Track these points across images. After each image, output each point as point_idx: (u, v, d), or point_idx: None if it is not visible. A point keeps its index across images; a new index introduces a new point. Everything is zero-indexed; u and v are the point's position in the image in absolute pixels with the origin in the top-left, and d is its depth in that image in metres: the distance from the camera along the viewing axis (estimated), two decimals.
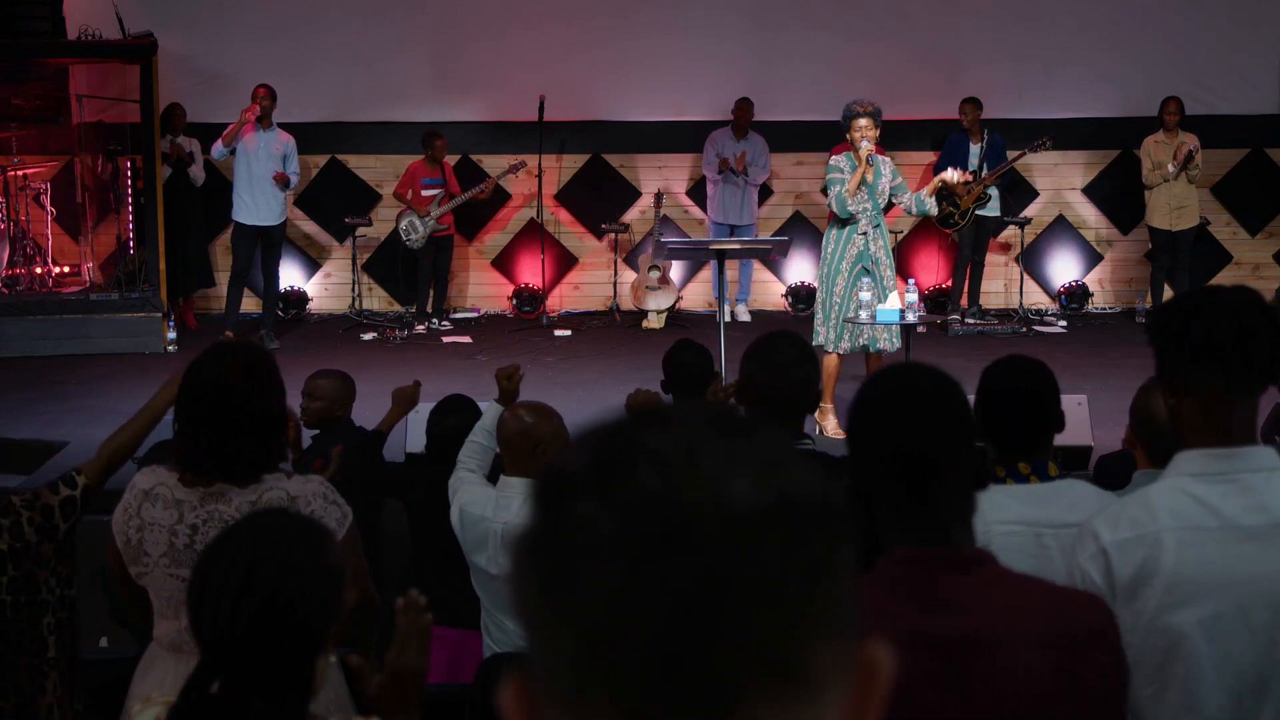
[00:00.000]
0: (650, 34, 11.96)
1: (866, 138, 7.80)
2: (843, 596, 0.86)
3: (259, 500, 3.07)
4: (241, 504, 3.07)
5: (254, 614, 2.12)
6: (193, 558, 3.04)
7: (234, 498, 3.08)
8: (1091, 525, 2.35)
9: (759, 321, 11.52)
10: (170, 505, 3.10)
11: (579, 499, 0.84)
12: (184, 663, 3.07)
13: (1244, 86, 12.18)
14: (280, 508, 2.97)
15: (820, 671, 0.84)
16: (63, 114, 11.71)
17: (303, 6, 11.91)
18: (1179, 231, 11.35)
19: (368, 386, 5.85)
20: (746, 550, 0.82)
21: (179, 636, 3.08)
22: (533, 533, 0.86)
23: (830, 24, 11.93)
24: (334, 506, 3.15)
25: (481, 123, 12.12)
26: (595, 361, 10.22)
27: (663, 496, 0.83)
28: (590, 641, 0.82)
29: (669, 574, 0.81)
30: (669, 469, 0.84)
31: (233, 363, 3.08)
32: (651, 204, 11.87)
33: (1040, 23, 12.05)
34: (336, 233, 12.18)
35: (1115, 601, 2.26)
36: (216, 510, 3.08)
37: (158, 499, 3.11)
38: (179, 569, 3.07)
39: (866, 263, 7.83)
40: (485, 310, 12.24)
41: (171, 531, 3.09)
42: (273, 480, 3.11)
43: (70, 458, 7.36)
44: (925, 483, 1.94)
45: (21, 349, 10.34)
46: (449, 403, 5.05)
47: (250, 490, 3.08)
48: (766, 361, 3.34)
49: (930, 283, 12.15)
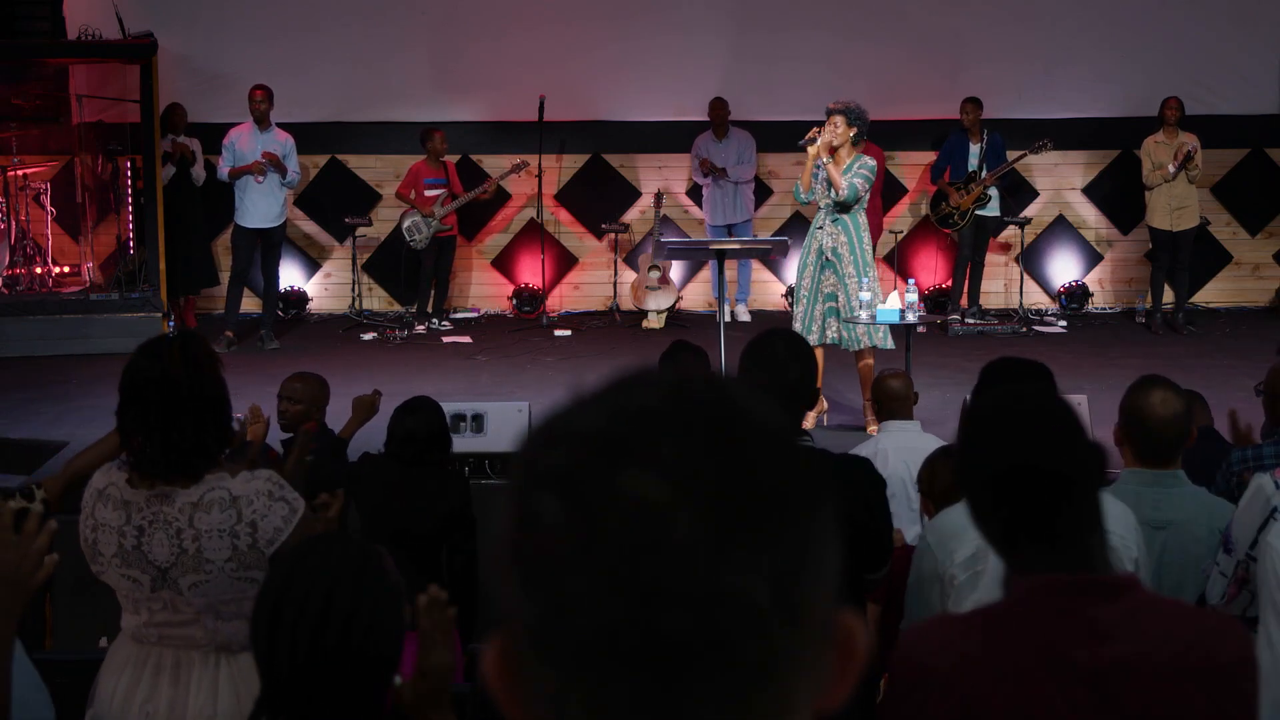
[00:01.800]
0: (650, 34, 11.96)
1: (827, 132, 7.85)
2: (819, 580, 0.86)
3: (200, 501, 3.03)
4: (184, 504, 3.04)
5: (334, 643, 2.11)
6: (139, 559, 3.05)
7: (178, 498, 3.05)
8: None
9: (759, 321, 11.51)
10: (119, 506, 3.08)
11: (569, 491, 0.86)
12: (143, 652, 3.11)
13: (1244, 86, 12.18)
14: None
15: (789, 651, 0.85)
16: (63, 114, 11.71)
17: (303, 6, 11.91)
18: (1179, 231, 11.34)
19: (367, 387, 5.85)
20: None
21: (139, 629, 3.12)
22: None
23: (830, 24, 11.93)
24: (280, 503, 3.09)
25: (481, 123, 12.12)
26: (595, 361, 10.21)
27: (628, 495, 0.84)
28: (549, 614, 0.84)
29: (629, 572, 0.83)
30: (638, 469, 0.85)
31: (171, 355, 3.05)
32: (651, 204, 11.87)
33: (1040, 23, 12.05)
34: (336, 233, 12.18)
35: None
36: (161, 511, 3.05)
37: (108, 499, 3.10)
38: (128, 569, 3.07)
39: (826, 256, 7.91)
40: (485, 310, 12.24)
41: (120, 532, 3.07)
42: (216, 479, 3.06)
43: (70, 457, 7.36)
44: (1058, 504, 1.87)
45: (21, 349, 10.33)
46: (411, 403, 5.04)
47: (194, 490, 3.05)
48: (763, 359, 3.35)
49: (930, 283, 12.15)
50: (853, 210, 7.91)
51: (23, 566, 2.22)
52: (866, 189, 7.91)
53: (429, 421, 4.83)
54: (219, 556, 3.03)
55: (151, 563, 3.05)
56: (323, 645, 2.12)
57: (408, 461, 4.74)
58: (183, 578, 3.04)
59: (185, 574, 3.04)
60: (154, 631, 3.10)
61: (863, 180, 7.85)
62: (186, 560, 3.03)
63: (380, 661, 2.17)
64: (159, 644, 3.09)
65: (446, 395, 6.75)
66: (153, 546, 3.05)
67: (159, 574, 3.06)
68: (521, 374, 9.77)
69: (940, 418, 7.67)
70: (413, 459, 4.73)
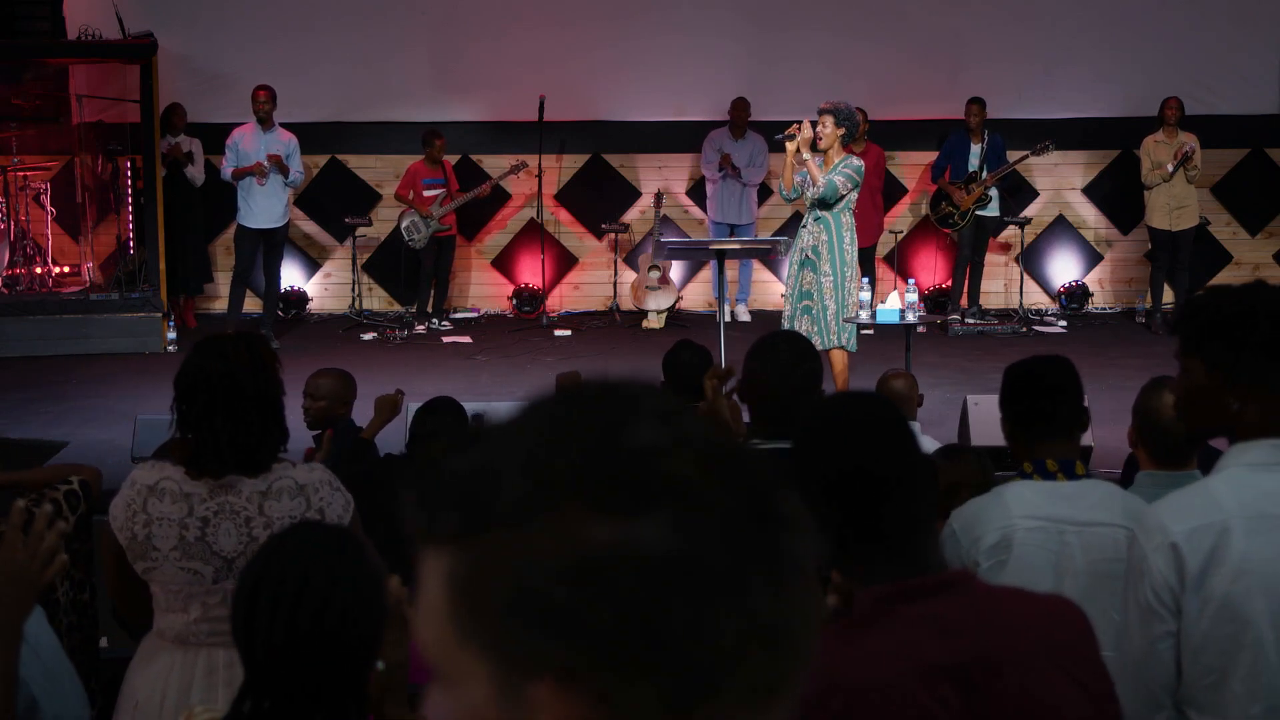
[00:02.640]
0: (650, 34, 11.96)
1: (806, 128, 7.80)
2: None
3: (269, 490, 3.08)
4: (252, 494, 3.08)
5: (309, 626, 2.12)
6: (203, 550, 3.07)
7: (244, 488, 3.09)
8: (1156, 518, 2.32)
9: (759, 321, 11.51)
10: (179, 499, 3.09)
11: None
12: (190, 655, 3.07)
13: (1244, 86, 12.18)
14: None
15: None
16: (63, 114, 11.71)
17: (303, 6, 11.91)
18: (1179, 231, 11.35)
19: (368, 387, 5.85)
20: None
21: (186, 629, 3.09)
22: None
23: (830, 24, 11.93)
24: (339, 494, 3.17)
25: (481, 123, 12.12)
26: (595, 361, 10.22)
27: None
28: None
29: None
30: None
31: (236, 353, 3.09)
32: (651, 204, 11.87)
33: (1040, 23, 12.05)
34: (336, 233, 12.19)
35: (1184, 592, 2.25)
36: (227, 501, 3.08)
37: (164, 493, 3.10)
38: (190, 561, 3.08)
39: (806, 254, 7.88)
40: (485, 310, 12.24)
41: (182, 525, 3.08)
42: (281, 469, 3.12)
43: (69, 457, 7.35)
44: (883, 506, 1.88)
45: (21, 349, 10.33)
46: (432, 404, 5.03)
47: (261, 480, 3.09)
48: (768, 360, 3.36)
49: (930, 283, 12.15)
50: (836, 210, 7.78)
51: (31, 566, 2.27)
52: (847, 187, 7.74)
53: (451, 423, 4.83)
54: None
55: (216, 553, 3.08)
56: (298, 628, 2.12)
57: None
58: None
59: None
60: (204, 628, 3.07)
61: (843, 179, 7.71)
62: (255, 548, 3.04)
63: (359, 646, 2.17)
64: (208, 643, 3.06)
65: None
66: (219, 537, 3.07)
67: (224, 564, 3.07)
68: (521, 374, 9.77)
69: (940, 418, 7.67)
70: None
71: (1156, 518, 2.32)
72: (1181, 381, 2.42)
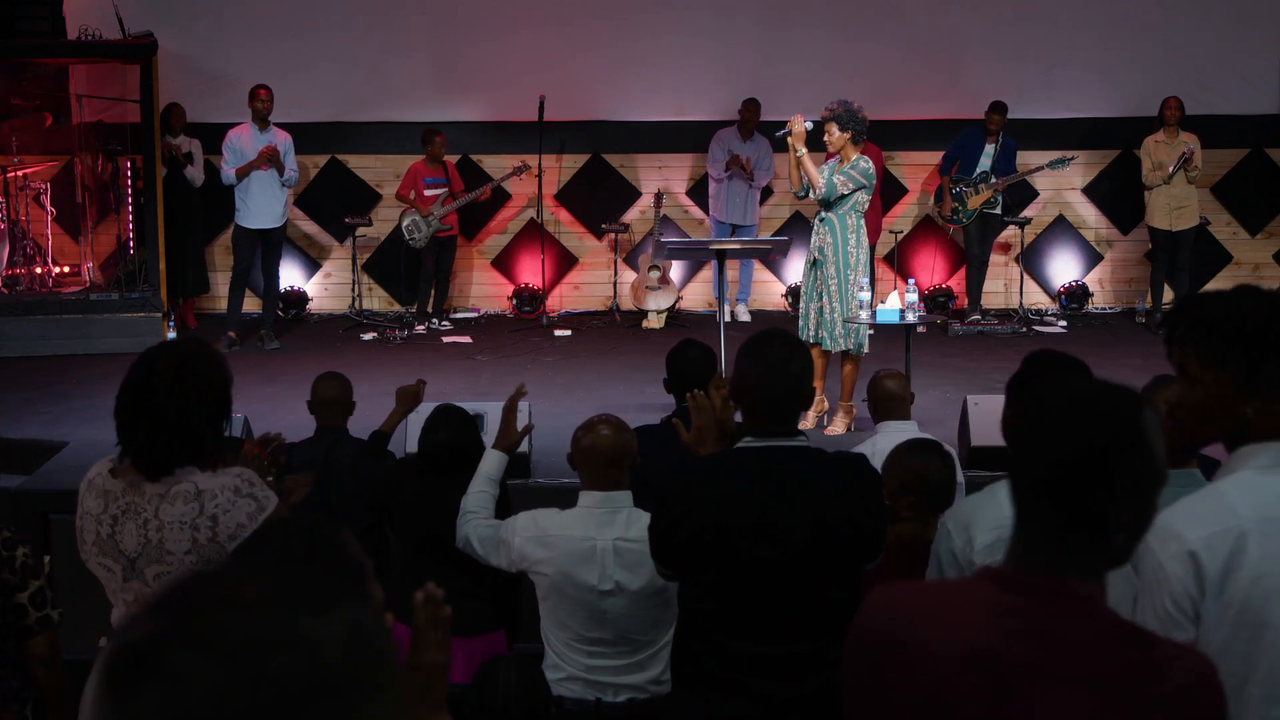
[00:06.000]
0: (650, 34, 11.96)
1: (824, 139, 7.83)
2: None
3: (167, 493, 3.11)
4: (152, 495, 3.11)
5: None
6: (113, 548, 3.13)
7: (146, 489, 3.13)
8: (1170, 526, 2.27)
9: (759, 321, 11.52)
10: (100, 495, 3.18)
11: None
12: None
13: (1244, 86, 12.18)
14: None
15: None
16: (63, 114, 11.71)
17: (303, 6, 11.91)
18: (1179, 231, 11.35)
19: (367, 386, 5.85)
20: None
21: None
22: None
23: (830, 24, 11.94)
24: (247, 500, 3.13)
25: (481, 123, 12.12)
26: (595, 361, 10.22)
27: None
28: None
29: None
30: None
31: (164, 365, 3.11)
32: (651, 204, 11.87)
33: (1040, 23, 12.05)
34: (336, 233, 12.19)
35: (1204, 600, 2.24)
36: (133, 502, 3.13)
37: (94, 488, 3.20)
38: (104, 558, 3.16)
39: (814, 256, 7.89)
40: (485, 310, 12.24)
41: (98, 520, 3.16)
42: (183, 474, 3.13)
43: (70, 457, 7.36)
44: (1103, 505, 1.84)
45: (21, 349, 10.34)
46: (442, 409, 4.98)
47: (161, 484, 3.12)
48: (759, 359, 3.36)
49: (930, 283, 12.15)
50: (841, 211, 7.74)
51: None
52: (848, 187, 7.68)
53: (460, 428, 4.83)
54: (179, 548, 3.09)
55: (122, 552, 3.14)
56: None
57: (440, 467, 4.74)
58: (148, 568, 3.12)
59: (150, 564, 3.12)
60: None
61: (843, 179, 7.68)
62: (151, 550, 3.11)
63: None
64: None
65: (447, 396, 6.76)
66: (124, 536, 3.14)
67: (128, 564, 3.14)
68: (521, 374, 9.76)
69: (940, 418, 7.67)
70: (445, 464, 4.73)
71: (1170, 525, 2.27)
72: (1196, 392, 2.36)
